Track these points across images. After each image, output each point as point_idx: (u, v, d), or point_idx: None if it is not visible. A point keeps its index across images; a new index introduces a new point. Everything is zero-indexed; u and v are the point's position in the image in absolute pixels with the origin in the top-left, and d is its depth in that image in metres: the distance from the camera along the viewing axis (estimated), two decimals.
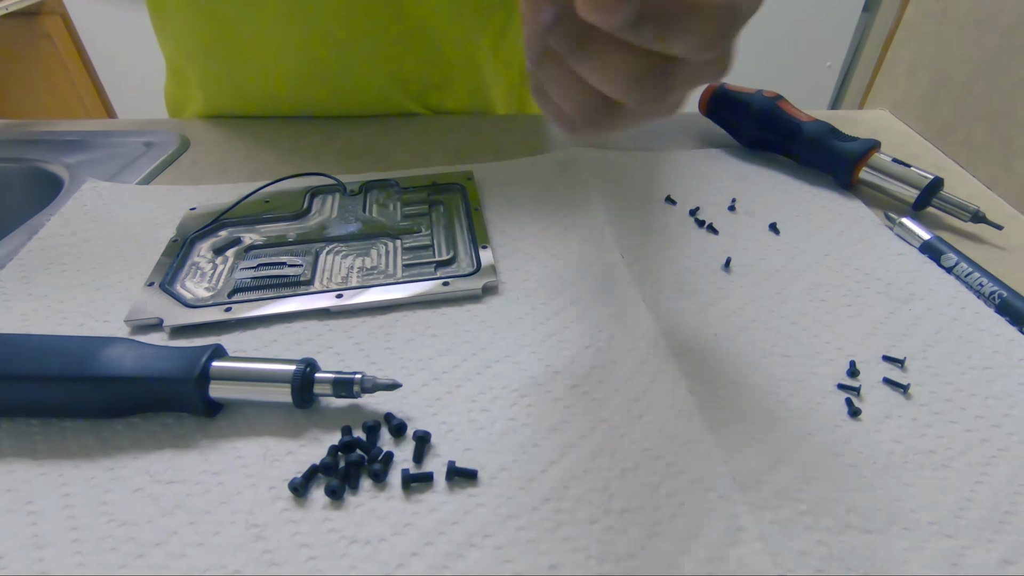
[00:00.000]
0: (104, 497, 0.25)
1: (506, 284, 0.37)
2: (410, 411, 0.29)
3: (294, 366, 0.28)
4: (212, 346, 0.28)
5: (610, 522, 0.24)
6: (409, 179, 0.46)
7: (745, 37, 0.20)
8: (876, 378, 0.31)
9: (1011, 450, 0.27)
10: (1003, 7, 0.47)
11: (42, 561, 0.23)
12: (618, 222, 0.42)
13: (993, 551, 0.24)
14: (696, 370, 0.31)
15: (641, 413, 0.29)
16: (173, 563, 0.23)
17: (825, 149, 0.46)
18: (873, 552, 0.23)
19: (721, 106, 0.52)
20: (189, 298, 0.35)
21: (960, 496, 0.25)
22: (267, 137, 0.54)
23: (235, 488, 0.26)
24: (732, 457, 0.27)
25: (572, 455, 0.27)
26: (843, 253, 0.40)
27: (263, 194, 0.44)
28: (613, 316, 0.34)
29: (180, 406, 0.28)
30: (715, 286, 0.37)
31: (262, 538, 0.24)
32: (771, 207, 0.44)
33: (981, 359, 0.32)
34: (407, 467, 0.26)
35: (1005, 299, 0.35)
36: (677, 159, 0.50)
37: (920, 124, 0.56)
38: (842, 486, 0.26)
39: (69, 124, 0.56)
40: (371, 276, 0.37)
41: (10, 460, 0.27)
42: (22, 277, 0.37)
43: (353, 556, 0.23)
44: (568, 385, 0.30)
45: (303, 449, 0.27)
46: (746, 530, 0.24)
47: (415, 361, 0.31)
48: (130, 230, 0.41)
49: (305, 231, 0.41)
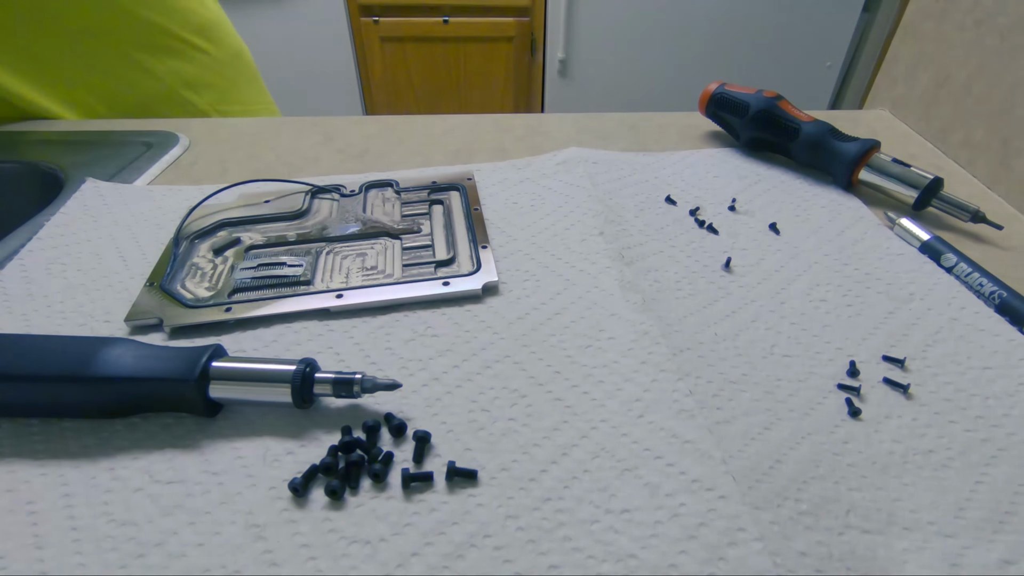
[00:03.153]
0: (104, 497, 0.25)
1: (506, 284, 0.37)
2: (410, 411, 0.29)
3: (294, 366, 0.28)
4: (212, 346, 0.28)
5: (610, 522, 0.24)
6: (409, 179, 0.46)
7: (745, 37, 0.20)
8: (876, 378, 0.31)
9: (1011, 450, 0.27)
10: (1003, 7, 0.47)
11: (42, 561, 0.23)
12: (618, 222, 0.42)
13: (993, 551, 0.24)
14: (696, 370, 0.31)
15: (641, 413, 0.29)
16: (173, 563, 0.23)
17: (825, 149, 0.46)
18: (873, 552, 0.23)
19: (721, 106, 0.52)
20: (189, 298, 0.35)
21: (960, 496, 0.25)
22: (267, 137, 0.54)
23: (235, 488, 0.26)
24: (732, 457, 0.27)
25: (572, 455, 0.27)
26: (843, 253, 0.40)
27: (263, 194, 0.44)
28: (613, 316, 0.34)
29: (180, 406, 0.28)
30: (715, 286, 0.37)
31: (262, 538, 0.24)
32: (771, 207, 0.44)
33: (981, 359, 0.32)
34: (407, 467, 0.26)
35: (1005, 299, 0.35)
36: (677, 159, 0.50)
37: (920, 124, 0.56)
38: (842, 486, 0.26)
39: (69, 124, 0.56)
40: (371, 276, 0.37)
41: (10, 460, 0.27)
42: (22, 277, 0.37)
43: (353, 556, 0.23)
44: (568, 385, 0.30)
45: (303, 449, 0.27)
46: (746, 530, 0.24)
47: (415, 361, 0.31)
48: (130, 230, 0.41)
49: (305, 231, 0.41)
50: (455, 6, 1.52)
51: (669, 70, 1.61)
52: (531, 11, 1.55)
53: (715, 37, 1.56)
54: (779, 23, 1.53)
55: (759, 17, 1.52)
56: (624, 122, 0.57)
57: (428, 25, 1.55)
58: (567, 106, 1.68)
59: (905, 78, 0.58)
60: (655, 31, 1.56)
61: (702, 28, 1.54)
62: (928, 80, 0.55)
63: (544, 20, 1.55)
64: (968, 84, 0.50)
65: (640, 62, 1.61)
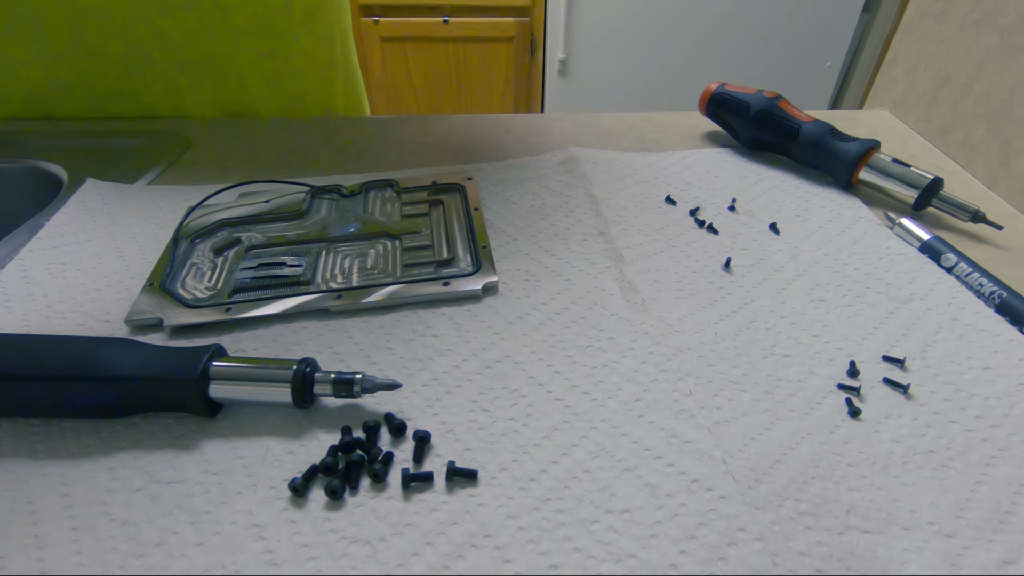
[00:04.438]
0: (104, 497, 0.25)
1: (506, 284, 0.37)
2: (410, 411, 0.29)
3: (294, 366, 0.28)
4: (212, 346, 0.28)
5: (610, 522, 0.24)
6: (409, 179, 0.46)
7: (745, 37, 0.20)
8: (876, 378, 0.31)
9: (1011, 450, 0.27)
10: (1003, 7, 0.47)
11: (42, 561, 0.23)
12: (618, 222, 0.42)
13: (993, 551, 0.24)
14: (696, 370, 0.31)
15: (641, 413, 0.29)
16: (173, 563, 0.23)
17: (825, 149, 0.46)
18: (873, 552, 0.23)
19: (721, 106, 0.52)
20: (189, 298, 0.35)
21: (960, 496, 0.25)
22: (267, 137, 0.54)
23: (235, 488, 0.26)
24: (732, 457, 0.27)
25: (572, 455, 0.27)
26: (843, 253, 0.40)
27: (263, 194, 0.44)
28: (613, 316, 0.34)
29: (180, 406, 0.28)
30: (715, 286, 0.37)
31: (262, 538, 0.24)
32: (771, 207, 0.44)
33: (981, 359, 0.32)
34: (407, 467, 0.26)
35: (1005, 299, 0.35)
36: (677, 159, 0.50)
37: (920, 124, 0.56)
38: (842, 486, 0.26)
39: (69, 124, 0.56)
40: (371, 276, 0.37)
41: (10, 460, 0.27)
42: (22, 277, 0.37)
43: (353, 556, 0.23)
44: (568, 385, 0.30)
45: (303, 449, 0.27)
46: (746, 530, 0.24)
47: (415, 361, 0.31)
48: (130, 230, 0.41)
49: (305, 231, 0.41)
50: (455, 6, 1.53)
51: (669, 70, 1.61)
52: (531, 11, 1.55)
53: (715, 37, 1.56)
54: (779, 23, 1.53)
55: (759, 17, 1.52)
56: (624, 122, 0.57)
57: (428, 25, 1.55)
58: (567, 106, 1.68)
59: (905, 78, 0.58)
60: (655, 31, 1.56)
61: (702, 28, 1.54)
62: (928, 80, 0.55)
63: (544, 20, 1.56)
64: (968, 84, 0.50)
65: (640, 62, 1.61)
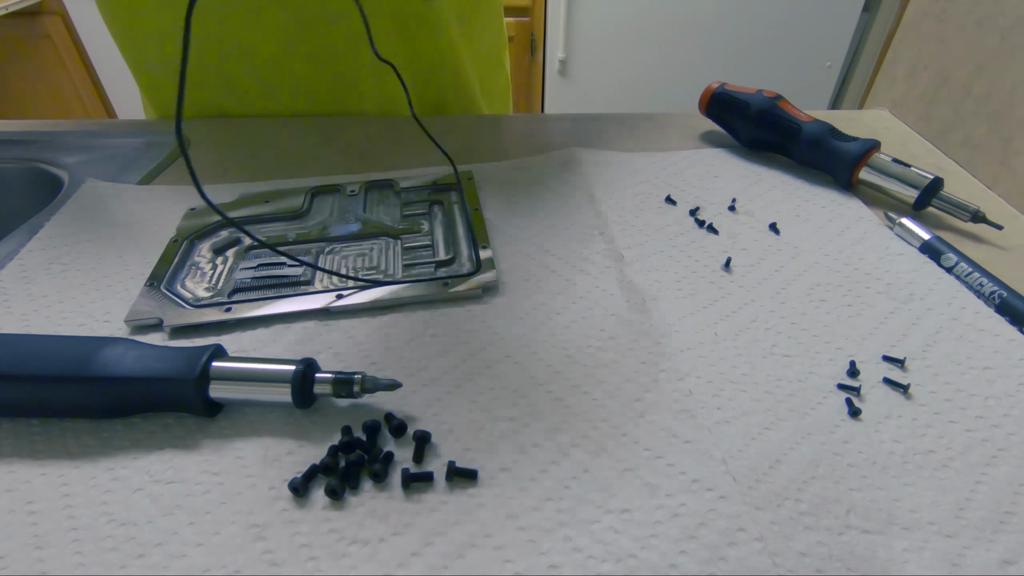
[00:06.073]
0: (104, 497, 0.25)
1: (506, 284, 0.37)
2: (410, 411, 0.29)
3: (294, 366, 0.28)
4: (212, 346, 0.28)
5: (610, 522, 0.24)
6: (409, 179, 0.46)
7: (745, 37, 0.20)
8: (876, 378, 0.31)
9: (1011, 450, 0.27)
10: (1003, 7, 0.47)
11: (42, 561, 0.23)
12: (618, 222, 0.42)
13: (993, 551, 0.24)
14: (696, 370, 0.31)
15: (641, 413, 0.29)
16: (173, 563, 0.23)
17: (825, 149, 0.46)
18: (873, 552, 0.23)
19: (721, 106, 0.52)
20: (189, 298, 0.35)
21: (960, 496, 0.25)
22: (267, 137, 0.54)
23: (235, 488, 0.26)
24: (732, 457, 0.27)
25: (572, 455, 0.27)
26: (843, 253, 0.40)
27: (263, 194, 0.44)
28: (613, 316, 0.34)
29: (180, 406, 0.28)
30: (715, 286, 0.37)
31: (262, 538, 0.24)
32: (771, 207, 0.44)
33: (981, 359, 0.32)
34: (407, 467, 0.26)
35: (1005, 299, 0.35)
36: (677, 159, 0.50)
37: (920, 124, 0.56)
38: (842, 486, 0.26)
39: (69, 124, 0.56)
40: (371, 276, 0.37)
41: (10, 460, 0.27)
42: (22, 277, 0.37)
43: (353, 556, 0.23)
44: (568, 385, 0.30)
45: (303, 449, 0.27)
46: (746, 530, 0.24)
47: (415, 361, 0.31)
48: (130, 230, 0.41)
49: (305, 231, 0.41)
50: None
51: (669, 70, 1.61)
52: (531, 11, 1.55)
53: (715, 37, 1.56)
54: (779, 23, 1.53)
55: (759, 17, 1.52)
56: (624, 122, 0.57)
57: None
58: (567, 106, 1.68)
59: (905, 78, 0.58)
60: (655, 31, 1.56)
61: (702, 28, 1.54)
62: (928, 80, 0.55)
63: (544, 20, 1.55)
64: (968, 84, 0.50)
65: (640, 62, 1.61)
